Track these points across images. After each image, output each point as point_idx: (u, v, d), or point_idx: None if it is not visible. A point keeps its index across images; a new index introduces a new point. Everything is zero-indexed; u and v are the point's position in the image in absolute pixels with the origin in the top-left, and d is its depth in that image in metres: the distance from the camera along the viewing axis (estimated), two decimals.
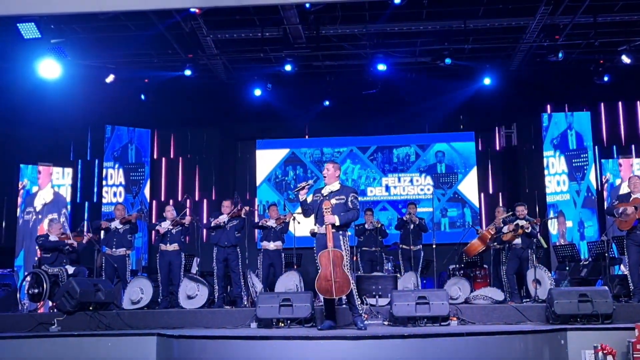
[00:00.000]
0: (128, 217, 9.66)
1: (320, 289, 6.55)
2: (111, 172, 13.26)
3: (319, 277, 6.54)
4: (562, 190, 12.64)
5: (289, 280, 9.45)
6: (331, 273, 6.47)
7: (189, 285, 8.92)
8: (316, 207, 6.75)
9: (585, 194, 12.50)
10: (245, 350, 5.96)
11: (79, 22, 10.51)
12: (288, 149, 14.07)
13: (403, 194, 13.59)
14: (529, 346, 6.18)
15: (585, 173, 12.55)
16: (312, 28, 10.84)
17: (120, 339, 6.86)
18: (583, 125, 12.78)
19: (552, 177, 12.75)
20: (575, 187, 12.55)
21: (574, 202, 12.52)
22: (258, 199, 13.83)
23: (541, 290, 8.66)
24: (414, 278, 9.89)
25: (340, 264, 6.50)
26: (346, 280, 6.50)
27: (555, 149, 12.79)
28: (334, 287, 6.47)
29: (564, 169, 12.67)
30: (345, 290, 6.52)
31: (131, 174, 13.42)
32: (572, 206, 12.51)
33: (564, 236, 12.36)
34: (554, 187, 12.68)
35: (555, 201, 12.64)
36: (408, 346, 5.82)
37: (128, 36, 11.01)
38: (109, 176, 13.22)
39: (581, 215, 12.42)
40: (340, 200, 6.74)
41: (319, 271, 6.55)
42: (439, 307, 7.32)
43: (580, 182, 12.53)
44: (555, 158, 12.76)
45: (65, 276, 8.89)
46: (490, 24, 10.91)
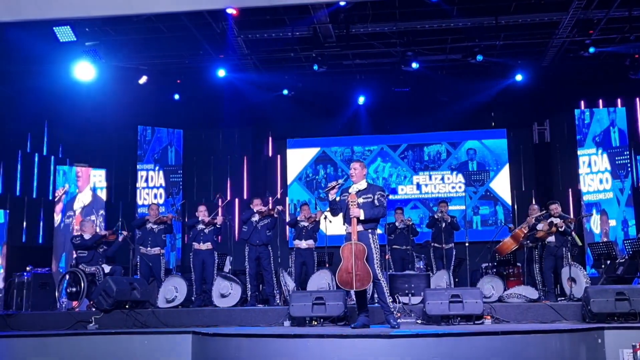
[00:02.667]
0: (164, 218, 9.78)
1: (341, 281, 6.57)
2: (152, 174, 13.45)
3: (340, 269, 6.56)
4: (604, 188, 12.39)
5: (321, 279, 9.46)
6: (352, 265, 6.48)
7: (222, 284, 9.00)
8: (344, 206, 6.76)
9: (629, 192, 12.23)
10: (280, 349, 5.99)
11: (113, 25, 10.67)
12: (319, 148, 14.10)
13: (434, 192, 13.52)
14: (566, 345, 6.09)
15: (629, 171, 12.30)
16: (342, 27, 10.84)
17: (156, 336, 6.95)
18: (623, 121, 12.52)
19: (594, 175, 12.49)
20: (618, 185, 12.27)
21: (618, 201, 12.27)
22: (289, 198, 13.89)
23: (576, 288, 8.55)
24: (446, 276, 9.84)
25: (362, 257, 6.51)
26: (367, 273, 6.50)
27: (598, 147, 12.54)
28: (354, 279, 6.48)
29: (606, 166, 12.41)
30: (365, 284, 6.54)
31: (171, 176, 13.60)
32: (615, 205, 12.25)
33: (607, 235, 12.11)
34: (597, 186, 12.43)
35: (597, 200, 12.40)
36: (442, 345, 5.79)
37: (160, 38, 11.15)
38: (149, 178, 13.41)
39: (625, 214, 12.15)
40: (367, 198, 6.74)
41: (340, 264, 6.57)
42: (472, 305, 7.26)
43: (624, 180, 12.28)
44: (598, 156, 12.50)
45: (101, 275, 9.06)
46: (522, 20, 10.79)
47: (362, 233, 6.61)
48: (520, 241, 9.44)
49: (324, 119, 13.62)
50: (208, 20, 10.49)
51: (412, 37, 11.24)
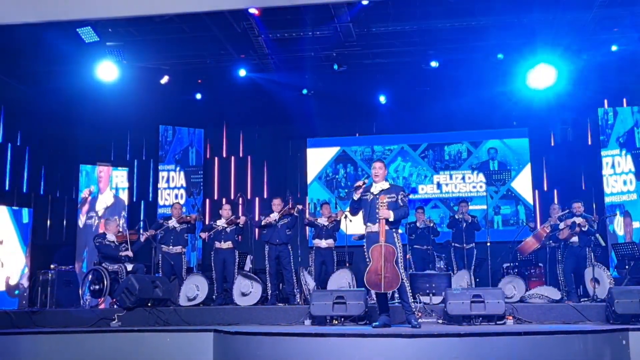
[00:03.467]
0: (187, 218, 9.86)
1: (370, 283, 6.57)
2: (173, 174, 13.55)
3: (369, 271, 6.55)
4: (628, 190, 12.20)
5: (341, 278, 9.48)
6: (382, 267, 6.48)
7: (243, 283, 9.05)
8: (367, 205, 6.76)
9: None
10: (301, 347, 6.00)
11: (136, 25, 10.75)
12: (338, 147, 14.10)
13: (455, 192, 13.46)
14: (589, 346, 6.03)
15: None
16: (363, 26, 10.83)
17: (178, 334, 7.01)
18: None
19: (618, 176, 12.31)
20: None
21: None
22: (309, 197, 13.91)
23: (600, 289, 8.47)
24: (467, 276, 9.81)
25: (391, 260, 6.51)
26: (396, 275, 6.51)
27: (622, 147, 12.37)
28: (383, 281, 6.49)
29: (630, 167, 12.22)
30: (394, 285, 6.55)
31: (192, 177, 13.69)
32: (639, 206, 12.10)
33: (631, 237, 11.94)
34: (620, 187, 12.25)
35: (621, 201, 12.22)
36: (464, 345, 5.76)
37: (182, 38, 11.21)
38: (171, 179, 13.52)
39: None
40: (391, 198, 6.77)
41: (369, 265, 6.55)
42: (494, 305, 7.24)
43: None
44: (622, 157, 12.34)
45: (124, 273, 9.14)
46: (544, 17, 10.68)
47: (387, 232, 6.61)
48: (542, 241, 9.37)
49: (344, 118, 13.61)
50: (229, 20, 10.53)
51: (433, 36, 11.20)
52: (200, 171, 13.82)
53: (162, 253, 9.60)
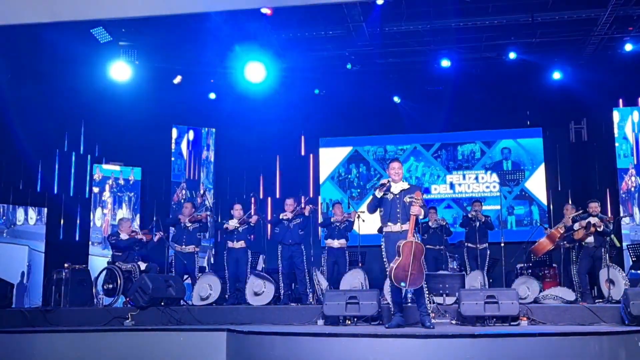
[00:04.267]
0: (198, 217, 9.89)
1: (396, 278, 6.53)
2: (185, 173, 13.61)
3: (397, 266, 6.52)
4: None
5: (353, 278, 9.44)
6: (410, 264, 6.47)
7: (256, 282, 9.04)
8: (387, 205, 6.76)
9: None
10: (314, 347, 6.00)
11: (148, 25, 10.79)
12: (351, 147, 14.08)
13: (468, 192, 13.40)
14: (604, 348, 5.98)
15: None
16: (376, 25, 10.81)
17: (191, 333, 7.03)
18: None
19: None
20: None
21: None
22: (321, 197, 13.90)
23: (615, 290, 8.39)
24: (480, 277, 9.73)
25: (419, 258, 6.53)
26: (421, 274, 6.54)
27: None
28: (409, 278, 6.48)
29: None
30: (417, 283, 6.56)
31: (204, 176, 13.73)
32: None
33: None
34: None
35: None
36: (478, 346, 5.73)
37: (194, 37, 11.23)
38: (183, 177, 13.55)
39: None
40: (412, 198, 6.74)
41: (398, 260, 6.53)
42: (508, 306, 7.18)
43: None
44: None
45: (137, 272, 9.18)
46: (559, 17, 10.62)
47: (406, 233, 6.63)
48: (557, 242, 9.30)
49: (356, 118, 13.59)
50: (242, 19, 10.53)
51: (446, 35, 11.16)
52: (212, 170, 13.82)
53: (175, 252, 9.63)
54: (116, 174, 12.99)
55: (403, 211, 6.66)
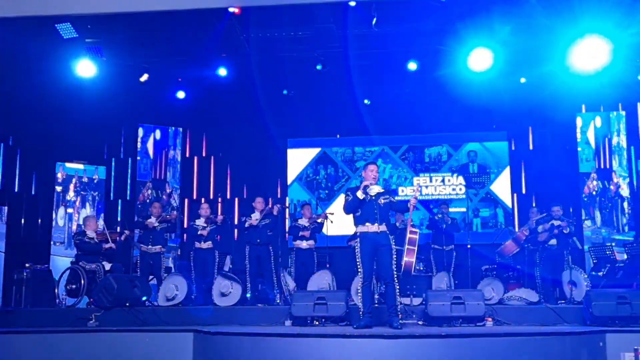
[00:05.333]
0: (167, 217, 9.79)
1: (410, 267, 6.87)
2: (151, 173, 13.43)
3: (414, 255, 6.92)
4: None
5: (321, 280, 9.46)
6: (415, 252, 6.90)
7: (223, 283, 8.99)
8: (365, 206, 6.87)
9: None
10: (282, 348, 5.99)
11: (115, 22, 10.62)
12: (319, 148, 14.08)
13: (435, 194, 13.52)
14: (567, 348, 6.11)
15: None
16: (345, 27, 10.83)
17: (157, 334, 6.94)
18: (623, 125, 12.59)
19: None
20: None
21: None
22: (289, 198, 13.88)
23: (577, 292, 8.57)
24: (446, 278, 9.84)
25: None
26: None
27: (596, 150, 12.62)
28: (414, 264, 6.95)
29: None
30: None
31: (170, 176, 13.56)
32: None
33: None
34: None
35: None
36: (445, 346, 5.81)
37: (163, 35, 11.11)
38: (149, 177, 13.37)
39: None
40: (386, 199, 7.00)
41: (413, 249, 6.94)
42: (474, 307, 7.29)
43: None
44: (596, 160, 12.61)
45: (102, 272, 9.04)
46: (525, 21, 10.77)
47: (383, 233, 6.74)
48: (522, 244, 9.45)
49: (325, 119, 13.60)
50: (211, 18, 10.46)
51: (414, 39, 11.23)
52: (178, 170, 13.67)
53: (140, 252, 9.50)
54: (80, 172, 12.77)
55: (379, 212, 6.78)
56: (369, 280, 6.97)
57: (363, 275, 6.85)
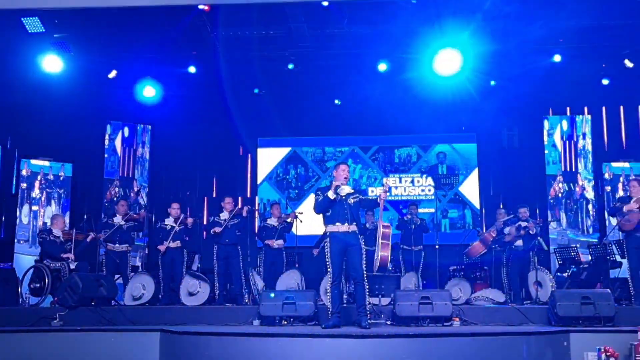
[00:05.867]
0: (135, 216, 9.66)
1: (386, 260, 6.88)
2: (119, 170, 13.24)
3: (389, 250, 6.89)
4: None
5: (290, 279, 9.45)
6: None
7: (191, 282, 8.92)
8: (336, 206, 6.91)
9: None
10: (250, 348, 5.97)
11: (83, 17, 10.45)
12: (290, 148, 14.06)
13: (404, 195, 13.61)
14: (532, 347, 6.20)
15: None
16: (317, 27, 10.84)
17: (123, 334, 6.86)
18: (588, 129, 12.84)
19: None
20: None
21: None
22: (259, 198, 13.83)
23: (542, 292, 8.70)
24: (414, 278, 9.91)
25: None
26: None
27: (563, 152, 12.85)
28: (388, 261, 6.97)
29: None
30: None
31: (138, 173, 13.38)
32: None
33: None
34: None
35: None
36: (413, 346, 5.85)
37: (132, 31, 10.97)
38: (116, 174, 13.19)
39: None
40: (355, 199, 7.03)
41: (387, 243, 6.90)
42: (442, 307, 7.34)
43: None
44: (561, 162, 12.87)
45: (67, 271, 8.88)
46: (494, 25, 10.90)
47: (353, 233, 6.77)
48: (489, 245, 9.56)
49: (296, 118, 13.59)
50: (182, 15, 10.36)
51: (386, 39, 11.28)
52: (147, 168, 13.49)
53: (106, 251, 9.37)
54: (45, 169, 12.54)
55: (350, 212, 6.81)
56: (338, 280, 6.97)
57: (332, 275, 6.85)
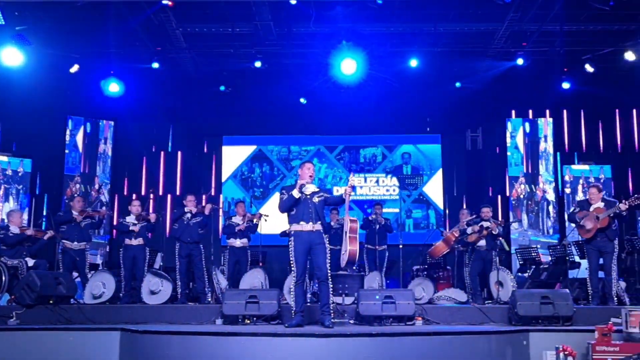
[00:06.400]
0: (93, 213, 9.49)
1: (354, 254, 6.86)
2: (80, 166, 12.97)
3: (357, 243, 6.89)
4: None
5: (254, 278, 9.40)
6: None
7: (153, 281, 8.80)
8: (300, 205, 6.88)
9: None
10: (212, 347, 5.91)
11: (45, 10, 10.24)
12: (255, 146, 14.00)
13: (369, 194, 13.67)
14: (493, 346, 6.28)
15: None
16: (284, 25, 10.80)
17: (82, 333, 6.74)
18: (550, 130, 13.07)
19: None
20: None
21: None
22: (223, 196, 13.73)
23: (503, 292, 8.80)
24: (378, 278, 9.94)
25: None
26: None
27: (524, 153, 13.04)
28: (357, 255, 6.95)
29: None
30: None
31: (100, 170, 13.12)
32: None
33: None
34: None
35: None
36: (375, 345, 5.86)
37: (95, 26, 10.78)
38: (77, 170, 12.92)
39: None
40: (320, 197, 7.00)
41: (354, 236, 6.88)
42: (405, 306, 7.36)
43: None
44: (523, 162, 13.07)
45: (24, 269, 8.68)
46: (459, 28, 11.04)
47: (318, 232, 6.78)
48: (452, 245, 9.64)
49: (261, 117, 13.54)
50: (146, 10, 10.22)
51: (353, 39, 11.29)
52: (109, 164, 13.24)
53: (64, 249, 9.17)
54: (4, 164, 12.24)
55: (314, 211, 6.79)
56: (302, 279, 6.95)
57: (296, 273, 6.83)
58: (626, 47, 11.04)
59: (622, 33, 11.06)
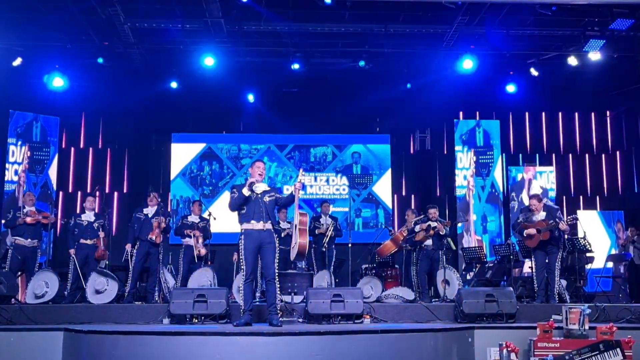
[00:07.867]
0: (43, 220, 9.19)
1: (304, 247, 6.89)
2: (13, 148, 12.49)
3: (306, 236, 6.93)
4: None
5: (202, 277, 9.29)
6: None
7: (98, 280, 8.59)
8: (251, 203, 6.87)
9: (489, 189, 13.07)
10: (159, 346, 5.83)
11: None
12: (204, 144, 13.86)
13: (319, 193, 13.71)
14: (439, 344, 6.39)
15: (490, 170, 13.10)
16: (235, 23, 10.73)
17: (23, 334, 6.55)
18: (491, 126, 13.32)
19: (459, 171, 13.17)
20: (480, 183, 13.08)
21: (479, 197, 13.05)
22: (172, 194, 13.55)
23: (450, 290, 8.96)
24: (327, 276, 9.97)
25: None
26: None
27: (464, 145, 13.23)
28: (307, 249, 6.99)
29: (471, 164, 13.18)
30: None
31: (35, 153, 12.67)
32: (476, 200, 13.04)
33: (469, 230, 12.85)
34: (460, 181, 13.12)
35: (462, 194, 13.07)
36: (323, 343, 5.89)
37: (39, 18, 10.48)
38: (11, 153, 12.46)
39: (485, 209, 12.99)
40: (271, 197, 7.03)
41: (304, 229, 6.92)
42: (353, 305, 7.42)
43: (485, 178, 13.08)
44: (463, 153, 13.22)
45: None
46: (409, 30, 11.17)
47: (268, 231, 6.79)
48: (400, 244, 9.75)
49: (211, 114, 13.43)
50: (92, 4, 9.99)
51: (303, 39, 11.32)
52: (45, 148, 12.78)
53: (14, 246, 8.88)
54: None
55: (265, 210, 6.78)
56: (251, 277, 6.93)
57: (245, 272, 6.80)
58: (569, 52, 11.39)
59: (566, 38, 11.39)
